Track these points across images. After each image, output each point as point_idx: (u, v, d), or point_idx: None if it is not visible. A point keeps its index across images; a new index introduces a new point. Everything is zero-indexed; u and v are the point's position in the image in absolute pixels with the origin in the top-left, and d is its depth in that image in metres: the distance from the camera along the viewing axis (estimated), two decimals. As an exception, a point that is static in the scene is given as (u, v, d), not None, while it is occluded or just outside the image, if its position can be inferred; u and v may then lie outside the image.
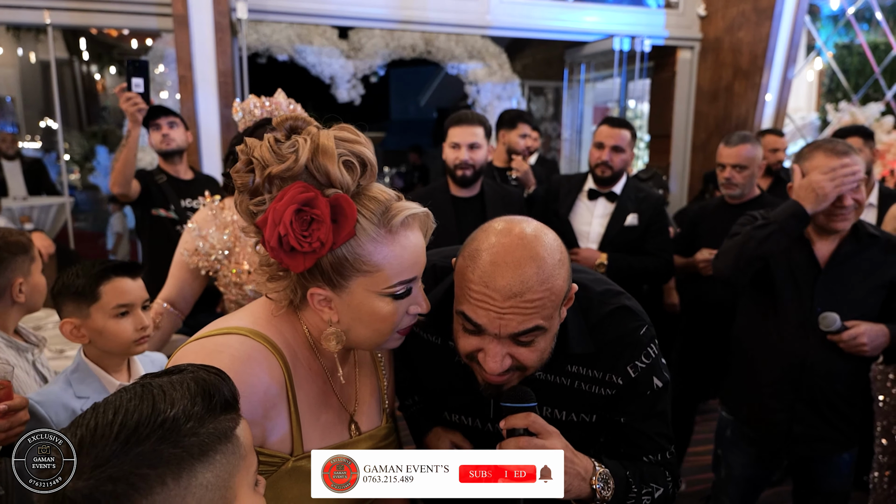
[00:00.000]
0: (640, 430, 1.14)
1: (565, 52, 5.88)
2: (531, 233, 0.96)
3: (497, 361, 0.96)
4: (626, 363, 1.08)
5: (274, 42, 5.67)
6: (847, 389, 1.89)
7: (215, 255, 1.82)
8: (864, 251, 1.84)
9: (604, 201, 2.66)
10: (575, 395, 1.11)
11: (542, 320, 0.94)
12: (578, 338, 1.07)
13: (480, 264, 0.94)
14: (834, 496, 1.97)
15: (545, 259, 0.93)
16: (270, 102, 1.79)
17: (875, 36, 5.99)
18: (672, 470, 1.17)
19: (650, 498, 1.11)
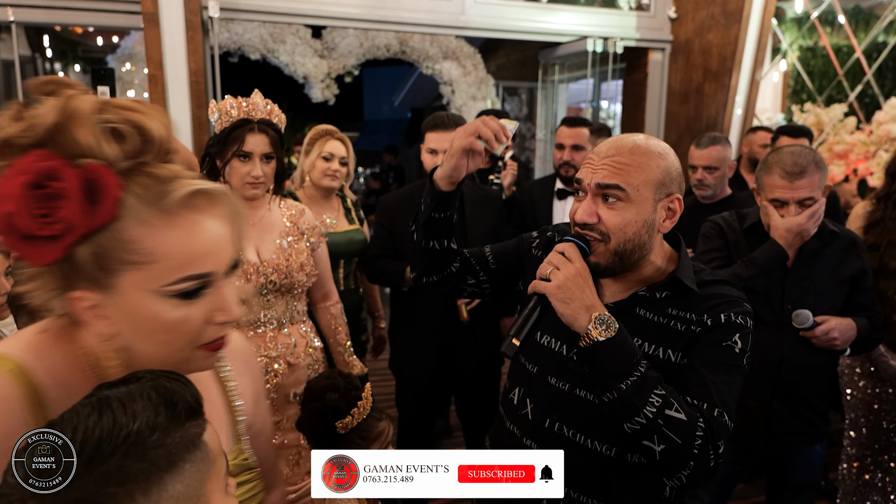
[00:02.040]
0: (699, 374, 1.12)
1: (539, 52, 5.92)
2: (643, 135, 1.19)
3: (585, 211, 1.15)
4: (723, 311, 1.15)
5: (246, 41, 5.60)
6: (819, 383, 1.94)
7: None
8: (826, 248, 1.91)
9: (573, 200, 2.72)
10: (668, 333, 1.18)
11: (626, 185, 1.12)
12: (689, 277, 1.19)
13: (609, 138, 1.21)
14: (806, 488, 2.02)
15: (642, 144, 1.16)
16: (247, 103, 1.78)
17: (837, 39, 6.15)
18: (712, 429, 1.05)
19: (658, 409, 1.02)
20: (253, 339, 1.84)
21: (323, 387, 1.61)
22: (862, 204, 2.33)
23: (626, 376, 1.04)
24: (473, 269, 1.35)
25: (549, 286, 1.08)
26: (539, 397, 1.27)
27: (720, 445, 1.05)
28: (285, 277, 1.85)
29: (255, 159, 1.77)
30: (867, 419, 2.26)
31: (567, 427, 1.23)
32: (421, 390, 2.44)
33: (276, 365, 1.85)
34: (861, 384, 2.28)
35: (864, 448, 2.28)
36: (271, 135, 1.79)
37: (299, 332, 1.93)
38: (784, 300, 1.87)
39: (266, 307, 1.85)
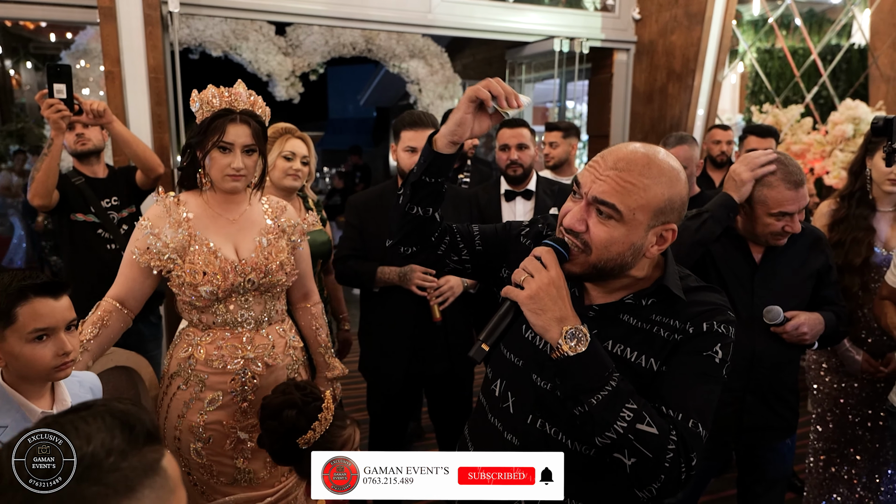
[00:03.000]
0: (675, 384, 1.10)
1: (506, 52, 5.93)
2: (662, 151, 1.13)
3: (575, 218, 1.10)
4: (706, 319, 1.13)
5: (207, 37, 5.46)
6: (789, 377, 1.98)
7: (168, 254, 1.73)
8: (792, 245, 1.94)
9: (521, 200, 2.82)
10: (652, 340, 1.15)
11: (622, 206, 1.06)
12: (675, 284, 1.16)
13: (616, 146, 1.13)
14: (778, 482, 2.06)
15: (657, 162, 1.09)
16: (230, 93, 1.72)
17: (793, 41, 6.33)
18: (686, 441, 1.04)
19: (628, 424, 1.01)
20: (229, 339, 1.79)
21: (279, 404, 1.55)
22: (826, 202, 2.38)
23: (596, 391, 1.02)
24: (458, 247, 1.33)
25: (521, 295, 1.05)
26: (521, 392, 1.25)
27: (693, 458, 1.03)
28: (264, 277, 1.79)
29: (237, 151, 1.72)
30: (833, 413, 2.31)
31: (549, 425, 1.21)
32: (393, 392, 2.40)
33: (253, 366, 1.80)
34: (827, 379, 2.34)
35: (830, 442, 2.33)
36: (253, 126, 1.73)
37: (277, 333, 1.88)
38: (754, 296, 1.90)
39: (243, 307, 1.79)
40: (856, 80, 6.42)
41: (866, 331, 2.23)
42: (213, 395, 1.77)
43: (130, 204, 2.94)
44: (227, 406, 1.78)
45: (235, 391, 1.78)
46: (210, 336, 1.79)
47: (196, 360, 1.78)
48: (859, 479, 2.29)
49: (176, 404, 1.80)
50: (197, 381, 1.78)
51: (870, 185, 2.24)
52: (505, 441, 1.25)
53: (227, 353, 1.77)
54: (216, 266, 1.72)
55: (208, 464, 1.80)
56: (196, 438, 1.78)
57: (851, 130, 5.41)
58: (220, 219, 1.80)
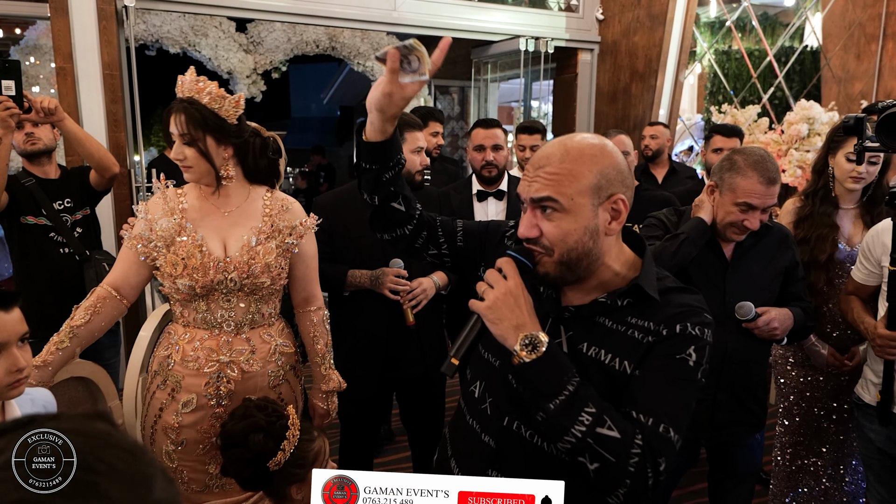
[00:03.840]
0: (646, 387, 1.08)
1: (472, 51, 5.92)
2: (579, 135, 1.15)
3: (526, 225, 1.13)
4: (679, 321, 1.12)
5: (165, 33, 5.29)
6: (759, 373, 2.01)
7: (154, 242, 1.70)
8: (761, 242, 1.98)
9: (493, 200, 2.82)
10: (627, 342, 1.14)
11: (559, 196, 1.09)
12: (651, 284, 1.15)
13: (536, 151, 1.17)
14: (748, 476, 2.09)
15: (574, 148, 1.11)
16: (180, 81, 1.68)
17: (748, 43, 6.50)
18: (651, 445, 1.02)
19: (587, 428, 1.00)
20: (206, 341, 1.73)
21: (242, 429, 1.48)
22: (791, 200, 2.43)
23: (553, 396, 1.02)
24: (437, 240, 1.32)
25: (480, 306, 1.07)
26: (498, 394, 1.24)
27: (661, 463, 1.02)
28: (246, 277, 1.72)
29: (176, 140, 1.69)
30: (800, 407, 2.36)
31: (525, 427, 1.20)
32: (366, 398, 2.35)
33: (228, 370, 1.74)
34: (794, 373, 2.38)
35: (797, 435, 2.38)
36: (190, 113, 1.64)
37: (261, 337, 1.80)
38: (725, 293, 1.92)
39: (224, 307, 1.74)
40: (809, 81, 6.63)
41: (831, 325, 2.29)
42: (189, 397, 1.73)
43: (84, 206, 2.81)
44: (202, 409, 1.73)
45: (210, 395, 1.73)
46: (189, 335, 1.75)
47: (174, 360, 1.74)
48: (825, 470, 2.35)
49: (155, 403, 1.77)
50: (174, 382, 1.74)
51: (832, 183, 2.29)
52: (482, 443, 1.24)
53: (203, 354, 1.73)
54: (198, 260, 1.68)
55: (179, 468, 1.75)
56: (170, 440, 1.74)
57: (806, 130, 5.57)
58: (215, 212, 1.77)
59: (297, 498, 1.50)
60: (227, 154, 1.74)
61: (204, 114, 1.65)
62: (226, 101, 1.69)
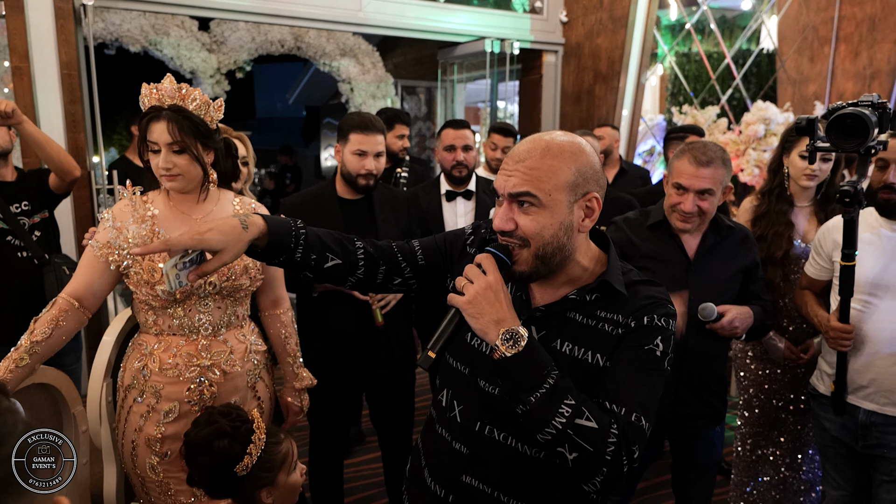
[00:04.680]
0: (617, 378, 1.12)
1: (438, 52, 5.94)
2: (560, 133, 1.17)
3: (501, 218, 1.14)
4: (646, 314, 1.16)
5: (125, 32, 5.17)
6: (718, 368, 2.07)
7: (128, 250, 1.66)
8: (723, 242, 2.03)
9: (462, 200, 2.85)
10: (598, 335, 1.17)
11: (537, 192, 1.11)
12: (617, 279, 1.19)
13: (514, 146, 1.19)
14: (709, 467, 2.15)
15: (555, 144, 1.13)
16: (158, 90, 1.65)
17: (707, 45, 6.66)
18: (626, 434, 1.06)
19: (567, 419, 1.03)
20: (184, 347, 1.72)
21: (206, 436, 1.47)
22: (748, 199, 2.51)
23: (534, 389, 1.04)
24: (399, 268, 1.32)
25: (460, 300, 1.08)
26: (468, 400, 1.26)
27: (634, 451, 1.06)
28: (226, 280, 1.73)
29: (163, 149, 1.65)
30: (759, 399, 2.44)
31: (497, 430, 1.21)
32: (335, 398, 2.35)
33: (210, 374, 1.73)
34: (752, 366, 2.46)
35: (756, 426, 2.46)
36: (180, 122, 1.64)
37: (237, 338, 1.81)
38: (689, 292, 1.97)
39: (202, 311, 1.72)
40: (765, 82, 6.83)
41: (787, 319, 2.37)
42: (170, 405, 1.71)
43: (43, 209, 2.74)
44: (185, 416, 1.71)
45: (193, 401, 1.72)
46: (163, 344, 1.72)
47: (150, 371, 1.71)
48: (783, 459, 2.43)
49: (133, 418, 1.73)
50: (152, 392, 1.71)
51: (787, 182, 2.37)
52: (454, 451, 1.26)
53: (182, 361, 1.71)
54: None
55: (165, 481, 1.72)
56: (153, 453, 1.71)
57: (763, 130, 5.75)
58: (186, 218, 1.75)
59: (268, 502, 1.49)
60: (209, 159, 1.75)
61: (195, 121, 1.66)
62: (210, 108, 1.71)
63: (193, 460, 1.47)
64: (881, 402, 1.91)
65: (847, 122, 1.81)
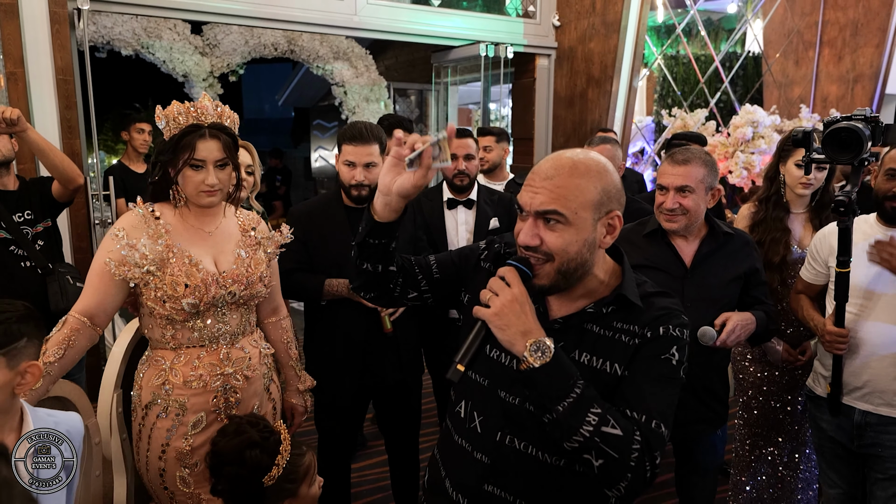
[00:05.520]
0: (637, 387, 1.16)
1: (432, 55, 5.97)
2: (582, 151, 1.21)
3: (528, 234, 1.17)
4: (662, 324, 1.19)
5: (116, 35, 5.14)
6: (719, 373, 2.12)
7: (147, 267, 1.66)
8: (721, 248, 2.08)
9: (463, 209, 2.87)
10: (615, 346, 1.21)
11: (564, 210, 1.14)
12: (633, 292, 1.23)
13: (546, 158, 1.21)
14: (711, 469, 2.21)
15: (581, 163, 1.17)
16: (196, 107, 1.67)
17: (694, 48, 6.76)
18: (649, 441, 1.09)
19: (594, 427, 1.06)
20: (205, 358, 1.74)
21: (236, 446, 1.48)
22: (746, 206, 2.57)
23: (562, 398, 1.07)
24: (416, 281, 1.34)
25: (487, 313, 1.10)
26: (489, 410, 1.28)
27: (656, 456, 1.09)
28: (245, 288, 1.76)
29: (209, 167, 1.68)
30: (757, 400, 2.50)
31: (518, 440, 1.24)
32: (344, 405, 2.37)
33: (233, 380, 1.77)
34: (752, 369, 2.52)
35: (755, 426, 2.52)
36: (224, 139, 1.69)
37: (251, 344, 1.86)
38: (684, 299, 2.01)
39: (221, 321, 1.75)
40: (752, 85, 6.94)
41: (786, 323, 2.43)
42: (197, 417, 1.73)
43: (45, 218, 2.74)
44: (212, 425, 1.74)
45: (219, 409, 1.75)
46: (183, 357, 1.73)
47: (172, 385, 1.72)
48: (781, 459, 2.50)
49: (157, 434, 1.73)
50: (177, 407, 1.72)
51: (784, 190, 2.43)
52: (475, 460, 1.29)
53: (206, 371, 1.73)
54: (198, 278, 1.68)
55: (196, 493, 1.74)
56: (183, 465, 1.73)
57: (751, 133, 5.84)
58: (198, 231, 1.77)
59: None
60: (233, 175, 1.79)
61: (233, 137, 1.73)
62: (235, 124, 1.77)
63: (223, 469, 1.48)
64: (876, 403, 1.97)
65: (842, 135, 1.87)
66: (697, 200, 1.99)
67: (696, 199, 1.99)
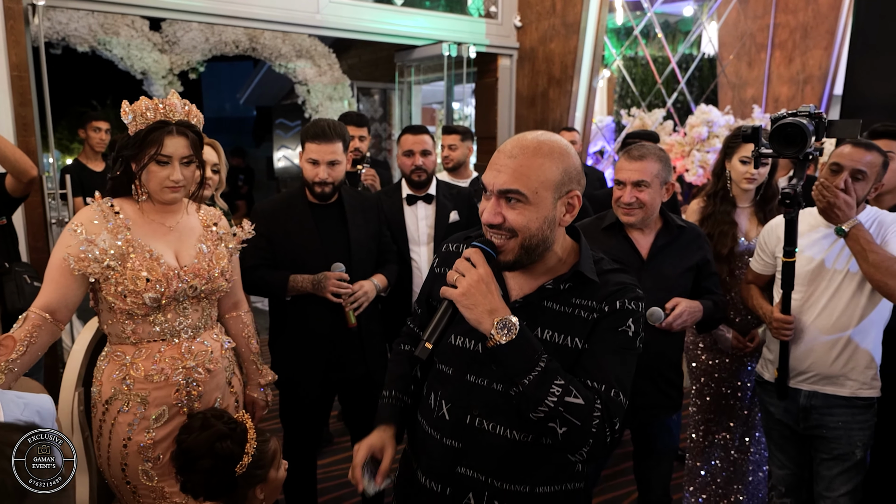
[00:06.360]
0: (596, 358, 1.23)
1: (396, 54, 5.99)
2: (545, 133, 1.25)
3: (491, 212, 1.21)
4: (618, 298, 1.27)
5: (72, 31, 5.02)
6: (674, 359, 2.21)
7: (107, 261, 1.66)
8: (675, 241, 2.17)
9: (423, 204, 2.92)
10: (574, 321, 1.27)
11: (525, 189, 1.19)
12: (590, 268, 1.29)
13: (509, 140, 1.25)
14: (667, 453, 2.29)
15: (545, 144, 1.22)
16: (164, 104, 1.68)
17: (652, 50, 6.94)
18: (608, 408, 1.17)
19: (558, 398, 1.13)
20: (166, 351, 1.74)
21: (206, 440, 1.50)
22: (696, 201, 2.67)
23: (527, 372, 1.14)
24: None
25: (454, 293, 1.16)
26: (457, 397, 1.34)
27: (616, 423, 1.18)
28: (207, 283, 1.78)
29: (175, 163, 1.69)
30: (709, 387, 2.61)
31: (487, 421, 1.30)
32: (310, 400, 2.39)
33: (195, 374, 1.77)
34: (703, 357, 2.63)
35: (708, 412, 2.62)
36: (191, 137, 1.71)
37: (213, 338, 1.87)
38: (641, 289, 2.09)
39: (181, 314, 1.76)
40: (707, 86, 7.16)
41: (734, 312, 2.54)
42: (159, 410, 1.73)
43: (1, 215, 2.68)
44: (175, 418, 1.75)
45: (181, 402, 1.75)
46: (144, 351, 1.73)
47: (134, 380, 1.72)
48: (733, 443, 2.61)
49: (119, 429, 1.72)
50: (139, 401, 1.72)
51: (730, 185, 2.54)
52: (446, 447, 1.34)
53: (167, 365, 1.73)
54: (159, 272, 1.69)
55: (159, 486, 1.73)
56: (145, 459, 1.73)
57: (706, 132, 6.03)
58: (159, 226, 1.78)
59: (261, 497, 1.54)
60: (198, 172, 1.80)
61: (199, 135, 1.75)
62: (201, 123, 1.78)
63: (196, 463, 1.49)
64: (821, 384, 2.09)
65: (788, 130, 1.97)
66: (653, 194, 2.07)
67: (652, 194, 2.07)
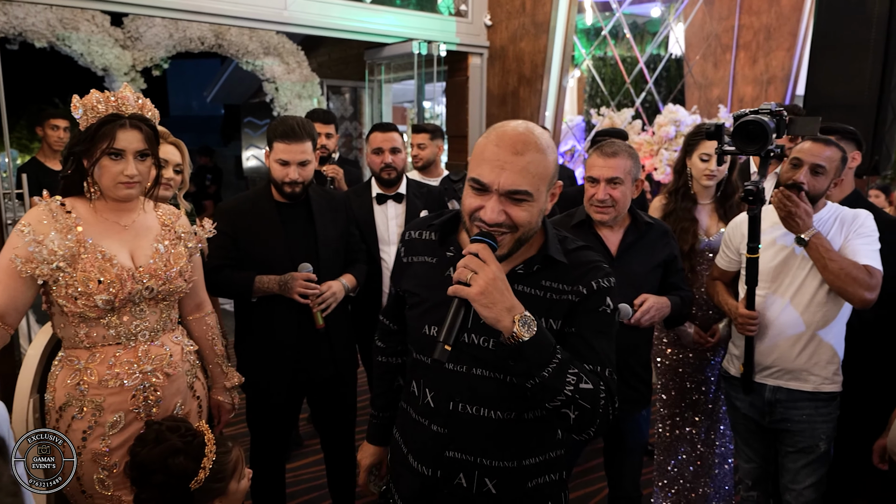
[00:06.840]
0: (587, 342, 1.26)
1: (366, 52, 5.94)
2: (533, 126, 1.25)
3: (495, 212, 1.19)
4: (591, 279, 1.29)
5: (29, 26, 4.86)
6: (643, 355, 2.22)
7: (56, 263, 1.58)
8: (643, 237, 2.18)
9: (393, 203, 2.88)
10: (546, 303, 1.29)
11: (531, 188, 1.19)
12: (557, 250, 1.31)
13: (497, 132, 1.23)
14: (636, 448, 2.31)
15: (540, 138, 1.22)
16: (116, 97, 1.61)
17: (621, 50, 7.01)
18: (609, 387, 1.23)
19: (574, 386, 1.16)
20: (122, 355, 1.67)
21: (158, 455, 1.45)
22: (658, 198, 2.70)
23: (547, 365, 1.15)
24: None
25: (471, 292, 1.13)
26: (438, 385, 1.36)
27: (615, 400, 1.23)
28: (163, 283, 1.71)
29: (129, 157, 1.62)
30: (674, 382, 2.64)
31: (470, 405, 1.32)
32: (279, 403, 2.34)
33: (153, 378, 1.71)
34: (668, 352, 2.65)
35: (674, 407, 2.65)
36: (145, 130, 1.64)
37: (173, 341, 1.80)
38: None
39: (138, 317, 1.69)
40: (675, 86, 7.25)
41: (696, 307, 2.56)
42: (115, 417, 1.66)
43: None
44: (132, 424, 1.68)
45: (138, 408, 1.69)
46: (98, 356, 1.66)
47: (88, 385, 1.64)
48: (699, 437, 2.64)
49: (73, 437, 1.63)
50: (93, 407, 1.65)
51: (691, 182, 2.57)
52: (433, 433, 1.36)
53: (122, 369, 1.67)
54: (112, 273, 1.62)
55: (116, 495, 1.67)
56: (101, 467, 1.65)
57: (674, 132, 6.11)
58: (113, 225, 1.70)
59: None
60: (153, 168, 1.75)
61: (154, 129, 1.69)
62: (156, 118, 1.73)
63: (149, 478, 1.43)
64: (785, 378, 2.12)
65: (749, 128, 2.00)
66: (625, 191, 2.08)
67: (625, 190, 2.08)
